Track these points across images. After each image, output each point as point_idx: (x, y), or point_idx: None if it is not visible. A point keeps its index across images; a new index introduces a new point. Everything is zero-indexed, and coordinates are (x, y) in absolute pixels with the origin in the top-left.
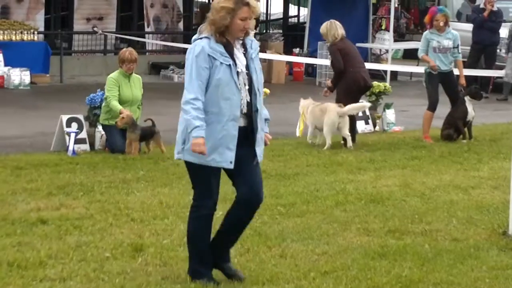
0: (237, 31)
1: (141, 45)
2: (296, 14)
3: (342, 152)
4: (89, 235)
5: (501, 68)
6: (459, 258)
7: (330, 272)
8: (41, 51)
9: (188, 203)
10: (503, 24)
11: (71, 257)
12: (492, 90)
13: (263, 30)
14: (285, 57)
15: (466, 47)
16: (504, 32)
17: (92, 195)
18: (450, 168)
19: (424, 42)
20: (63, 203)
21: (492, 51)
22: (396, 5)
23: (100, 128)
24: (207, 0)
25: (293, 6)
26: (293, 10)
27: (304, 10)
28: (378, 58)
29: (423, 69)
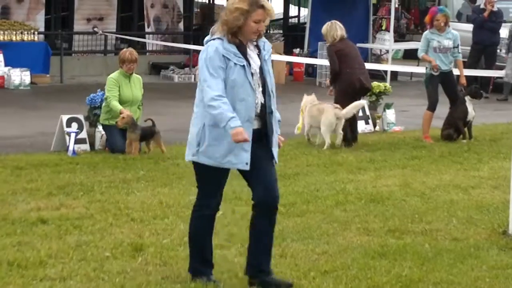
0: (250, 33)
1: (141, 46)
2: (297, 14)
3: (342, 152)
4: (89, 234)
5: (501, 68)
6: (459, 257)
7: (330, 271)
8: (41, 51)
9: (188, 203)
10: (503, 24)
11: (71, 257)
12: (492, 90)
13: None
14: (285, 57)
15: (466, 47)
16: (504, 33)
17: (92, 195)
18: (450, 168)
19: (424, 42)
20: (63, 203)
21: (492, 51)
22: (397, 6)
23: (100, 128)
24: (207, 1)
25: (293, 7)
26: (293, 11)
27: (305, 10)
28: (378, 58)
29: (423, 69)
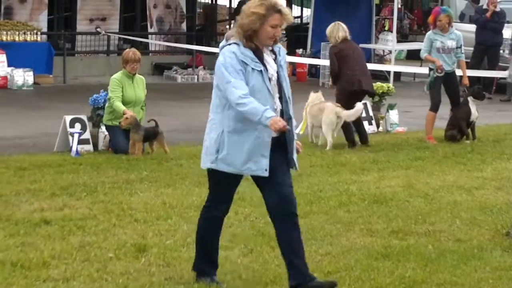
0: (266, 38)
1: (144, 46)
2: (299, 15)
3: (345, 153)
4: (93, 235)
5: (504, 69)
6: (463, 258)
7: (333, 272)
8: (44, 51)
9: (191, 203)
10: (506, 25)
11: (74, 258)
12: (496, 91)
13: None
14: (288, 58)
15: (469, 48)
16: (507, 33)
17: (95, 196)
18: (454, 168)
19: (428, 43)
20: (66, 203)
21: (495, 52)
22: (399, 6)
23: (104, 128)
24: (210, 1)
25: (296, 7)
26: (296, 11)
27: (307, 11)
28: (381, 59)
29: (426, 70)
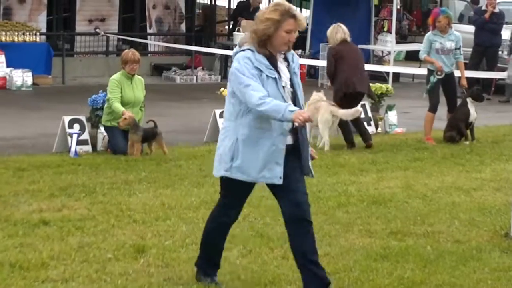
0: (281, 44)
1: (143, 47)
2: None
3: (344, 154)
4: (91, 236)
5: (503, 69)
6: (461, 260)
7: (332, 273)
8: (43, 52)
9: (190, 204)
10: (505, 26)
11: (73, 258)
12: (494, 92)
13: None
14: None
15: (468, 49)
16: (506, 34)
17: (94, 196)
18: (452, 170)
19: (427, 43)
20: (65, 204)
21: (493, 53)
22: (398, 7)
23: (102, 129)
24: (209, 2)
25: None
26: None
27: (306, 12)
28: (380, 60)
29: (425, 71)
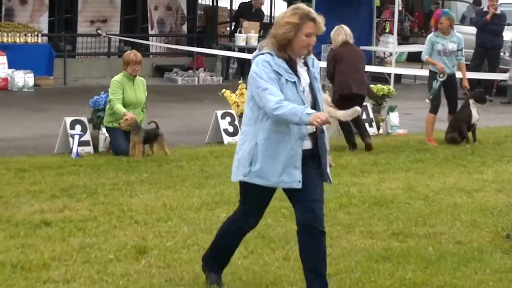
0: (300, 48)
1: (144, 48)
2: None
3: (345, 155)
4: (93, 237)
5: (504, 71)
6: (463, 261)
7: (333, 274)
8: (45, 53)
9: (192, 205)
10: (506, 27)
11: (74, 259)
12: (496, 93)
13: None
14: None
15: (470, 50)
16: (508, 35)
17: (95, 197)
18: (454, 171)
19: (429, 45)
20: (66, 205)
21: (495, 54)
22: (400, 8)
23: (104, 130)
24: (211, 3)
25: None
26: None
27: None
28: (382, 61)
29: (427, 72)
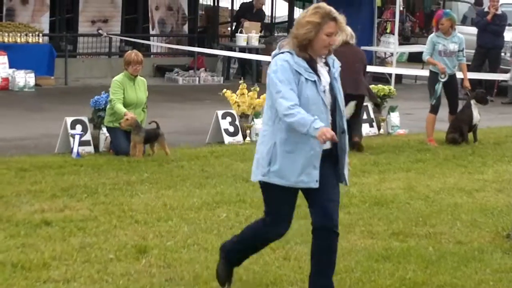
0: (321, 48)
1: (145, 48)
2: None
3: None
4: (93, 236)
5: (505, 71)
6: (463, 260)
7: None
8: (46, 53)
9: (192, 205)
10: (507, 27)
11: (75, 259)
12: (497, 93)
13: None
14: None
15: (471, 51)
16: (509, 36)
17: (96, 197)
18: (455, 171)
19: (430, 45)
20: (67, 205)
21: (495, 55)
22: (401, 9)
23: (105, 130)
24: (212, 3)
25: (298, 9)
26: (298, 13)
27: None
28: (383, 61)
29: (428, 73)
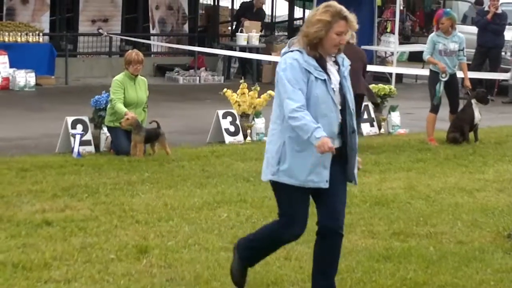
0: (331, 46)
1: (146, 47)
2: (301, 16)
3: None
4: (94, 236)
5: (506, 70)
6: (464, 260)
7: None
8: (46, 52)
9: (193, 205)
10: (508, 26)
11: (75, 259)
12: (497, 93)
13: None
14: None
15: (472, 50)
16: (509, 35)
17: (97, 197)
18: (455, 170)
19: (430, 45)
20: (68, 204)
21: (496, 54)
22: (402, 8)
23: (105, 129)
24: (212, 2)
25: (298, 9)
26: (298, 13)
27: (309, 12)
28: (383, 61)
29: (428, 72)
